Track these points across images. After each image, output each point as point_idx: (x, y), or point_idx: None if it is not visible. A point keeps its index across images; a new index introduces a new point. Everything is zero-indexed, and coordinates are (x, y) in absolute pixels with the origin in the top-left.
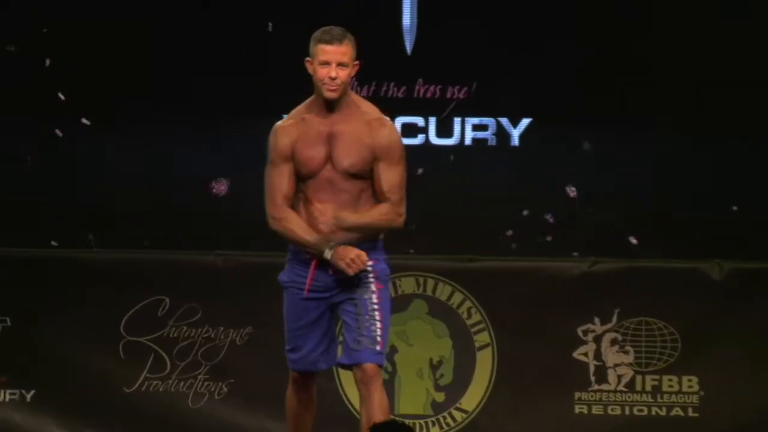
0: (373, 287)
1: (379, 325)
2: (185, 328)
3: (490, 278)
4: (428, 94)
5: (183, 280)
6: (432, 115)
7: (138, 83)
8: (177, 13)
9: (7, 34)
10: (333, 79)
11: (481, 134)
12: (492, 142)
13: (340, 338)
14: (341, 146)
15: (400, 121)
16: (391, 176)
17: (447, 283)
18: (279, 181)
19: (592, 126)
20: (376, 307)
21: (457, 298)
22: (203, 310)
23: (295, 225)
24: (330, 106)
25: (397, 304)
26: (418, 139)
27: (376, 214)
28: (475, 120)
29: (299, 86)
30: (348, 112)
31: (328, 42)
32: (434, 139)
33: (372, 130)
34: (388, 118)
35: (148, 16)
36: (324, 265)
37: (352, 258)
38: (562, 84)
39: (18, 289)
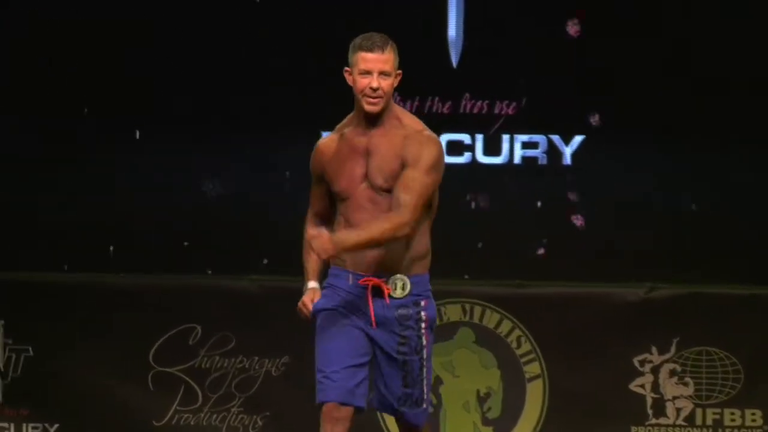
0: (423, 340)
1: (425, 382)
2: (218, 358)
3: (540, 305)
4: (475, 110)
5: (215, 307)
6: (479, 132)
7: (162, 100)
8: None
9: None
10: (374, 89)
11: (531, 152)
12: (543, 160)
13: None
14: (376, 161)
15: (445, 138)
16: (410, 179)
17: (495, 310)
18: (312, 200)
19: (649, 144)
20: (425, 363)
21: (506, 326)
22: (237, 339)
23: (305, 246)
24: (370, 120)
25: (443, 333)
26: (464, 158)
27: (377, 226)
28: (525, 137)
29: (344, 102)
30: (389, 125)
31: (369, 49)
32: (481, 158)
33: (409, 141)
34: (432, 133)
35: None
36: (376, 293)
37: (299, 306)
38: (617, 99)
39: (41, 317)
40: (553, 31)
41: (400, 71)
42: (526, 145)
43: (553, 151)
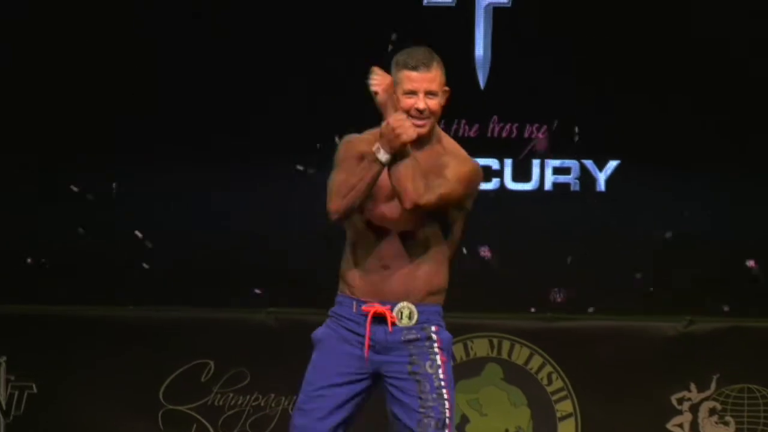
0: (438, 360)
1: (447, 405)
2: (232, 395)
3: (573, 339)
4: (504, 133)
5: (229, 342)
6: (508, 157)
7: (172, 126)
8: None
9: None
10: (421, 111)
11: (562, 178)
12: (575, 186)
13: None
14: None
15: None
16: (442, 177)
17: (524, 345)
18: (347, 177)
19: (689, 170)
20: (443, 383)
21: (536, 361)
22: (252, 375)
23: (348, 191)
24: (416, 140)
25: (469, 369)
26: (493, 184)
27: (414, 179)
28: (556, 162)
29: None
30: (430, 147)
31: (414, 68)
32: (510, 184)
33: (448, 158)
34: (474, 161)
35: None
36: (380, 321)
37: (395, 123)
38: (654, 121)
39: (44, 352)
40: (584, 50)
41: (448, 88)
42: (557, 171)
43: (587, 177)
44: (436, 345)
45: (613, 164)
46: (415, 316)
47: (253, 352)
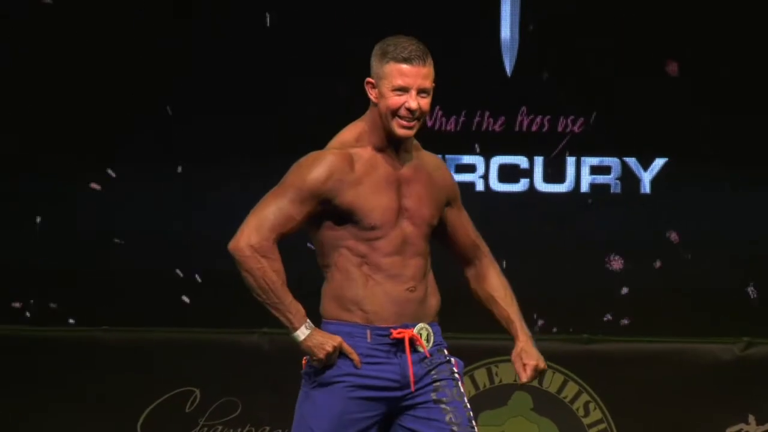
0: (461, 386)
1: None
2: (220, 428)
3: (613, 364)
4: (533, 127)
5: (218, 366)
6: (538, 154)
7: (158, 136)
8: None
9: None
10: (412, 111)
11: (601, 178)
12: (616, 188)
13: None
14: (417, 192)
15: (496, 161)
16: (467, 219)
17: (558, 371)
18: (282, 215)
19: (742, 168)
20: (471, 414)
21: (571, 389)
22: (244, 405)
23: (274, 272)
24: (395, 143)
25: (494, 398)
26: (521, 185)
27: (503, 283)
28: (594, 160)
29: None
30: (413, 149)
31: (407, 60)
32: (541, 185)
33: (442, 170)
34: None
35: None
36: (394, 350)
37: (329, 350)
38: (704, 115)
39: (9, 377)
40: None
41: (433, 84)
42: (595, 170)
43: (629, 177)
44: (455, 369)
45: (659, 162)
46: (432, 338)
47: (244, 378)
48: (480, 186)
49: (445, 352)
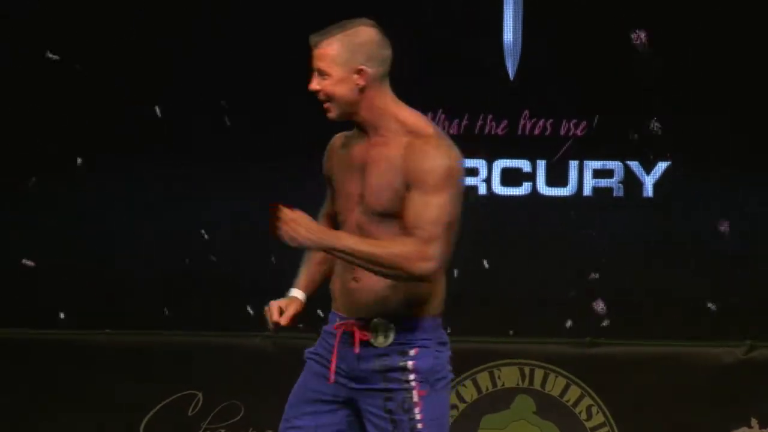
0: (414, 396)
1: None
2: (223, 431)
3: (615, 367)
4: (536, 131)
5: (220, 370)
6: (541, 158)
7: (160, 134)
8: None
9: None
10: (316, 93)
11: (604, 182)
12: (618, 191)
13: None
14: (373, 179)
15: (499, 165)
16: (421, 207)
17: (560, 374)
18: (327, 199)
19: (750, 172)
20: (419, 426)
21: (574, 393)
22: (246, 409)
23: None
24: (361, 127)
25: (496, 401)
26: (523, 188)
27: (387, 246)
28: (597, 164)
29: None
30: (388, 131)
31: (311, 45)
32: (543, 189)
33: (410, 152)
34: (440, 136)
35: None
36: (347, 341)
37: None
38: (711, 117)
39: (5, 381)
40: (630, 36)
41: (362, 67)
42: (598, 173)
43: (632, 181)
44: (411, 377)
45: (662, 166)
46: (392, 335)
47: (247, 381)
48: (483, 190)
49: (410, 352)
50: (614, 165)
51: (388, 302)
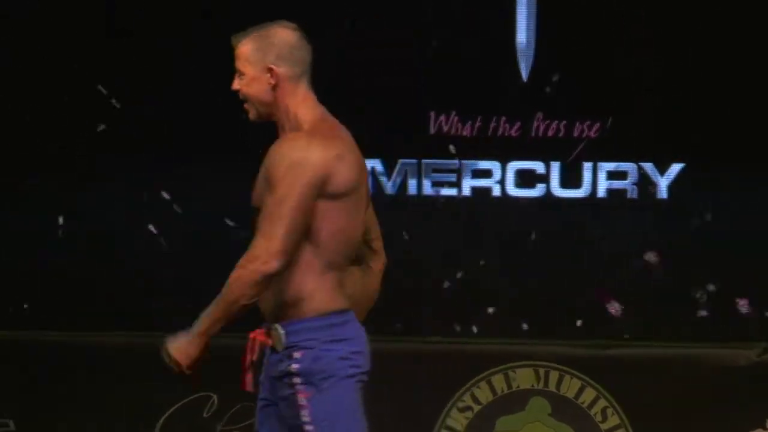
0: (300, 399)
1: None
2: None
3: (631, 369)
4: (549, 132)
5: (236, 371)
6: (555, 160)
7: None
8: None
9: None
10: (238, 93)
11: (618, 183)
12: (632, 193)
13: None
14: (257, 180)
15: (513, 166)
16: (265, 205)
17: (575, 376)
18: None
19: (760, 172)
20: (308, 428)
21: (589, 394)
22: None
23: None
24: (277, 128)
25: (511, 403)
26: (537, 190)
27: (227, 284)
28: (611, 165)
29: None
30: (286, 131)
31: (232, 43)
32: (557, 190)
33: (267, 157)
34: (304, 133)
35: None
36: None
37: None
38: (725, 118)
39: (24, 385)
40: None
41: (271, 66)
42: (612, 175)
43: (646, 182)
44: (296, 380)
45: (676, 168)
46: (283, 339)
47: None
48: (497, 191)
49: (294, 355)
50: (628, 166)
51: (275, 308)
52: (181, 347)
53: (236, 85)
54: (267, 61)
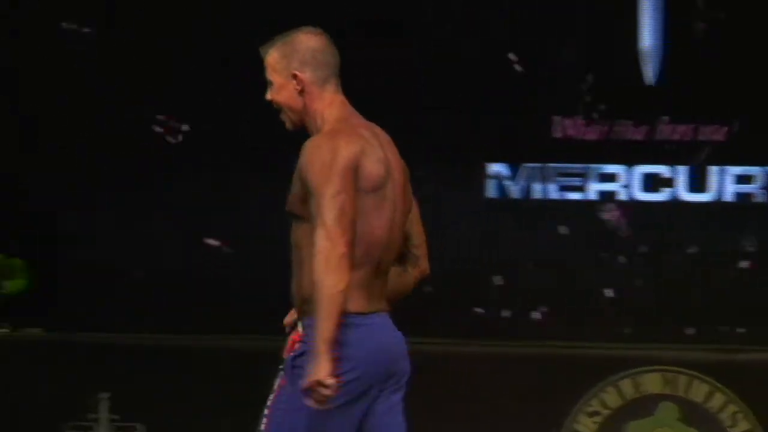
0: (277, 382)
1: None
2: None
3: (761, 374)
4: (676, 136)
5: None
6: (681, 164)
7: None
8: None
9: None
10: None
11: (745, 188)
12: (760, 197)
13: None
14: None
15: (638, 170)
16: (313, 204)
17: (704, 381)
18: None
19: None
20: (266, 412)
21: (718, 400)
22: None
23: None
24: (309, 134)
25: (640, 408)
26: (663, 195)
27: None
28: (738, 169)
29: None
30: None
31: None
32: (684, 195)
33: (301, 157)
34: (327, 133)
35: None
36: None
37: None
38: None
39: (153, 388)
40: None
41: (296, 72)
42: (739, 179)
43: None
44: (284, 366)
45: None
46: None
47: None
48: (623, 195)
49: (296, 347)
50: (756, 171)
51: (299, 303)
52: (320, 371)
53: (269, 95)
54: (291, 67)
